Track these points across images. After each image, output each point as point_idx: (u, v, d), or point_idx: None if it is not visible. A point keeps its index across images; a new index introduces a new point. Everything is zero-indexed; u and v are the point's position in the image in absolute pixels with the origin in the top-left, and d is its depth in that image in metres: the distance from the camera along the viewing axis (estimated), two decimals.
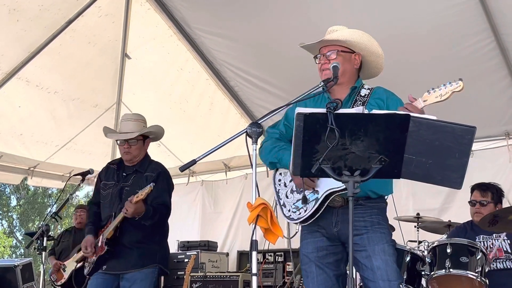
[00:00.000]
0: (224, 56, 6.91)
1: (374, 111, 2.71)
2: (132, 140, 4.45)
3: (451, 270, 4.18)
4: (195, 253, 7.34)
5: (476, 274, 4.14)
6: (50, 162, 8.19)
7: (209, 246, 7.86)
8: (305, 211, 3.05)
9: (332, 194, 2.98)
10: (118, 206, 4.35)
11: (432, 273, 4.28)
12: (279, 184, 3.25)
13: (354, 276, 3.31)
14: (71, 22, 6.58)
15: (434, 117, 2.50)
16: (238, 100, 7.49)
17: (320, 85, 3.14)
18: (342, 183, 2.56)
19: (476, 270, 4.15)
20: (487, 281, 4.16)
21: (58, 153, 8.13)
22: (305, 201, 3.05)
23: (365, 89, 3.26)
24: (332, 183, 2.89)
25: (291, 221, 3.14)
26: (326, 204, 3.01)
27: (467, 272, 4.16)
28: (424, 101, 2.87)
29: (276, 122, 3.45)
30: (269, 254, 7.25)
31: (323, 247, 3.15)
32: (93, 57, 7.24)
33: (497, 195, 4.89)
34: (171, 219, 4.56)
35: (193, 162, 3.01)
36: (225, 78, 7.24)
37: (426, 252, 4.45)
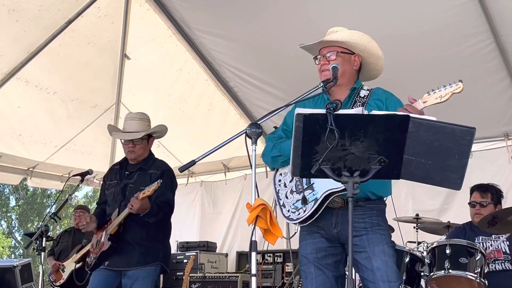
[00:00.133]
0: (223, 56, 6.91)
1: (374, 112, 2.71)
2: (137, 139, 4.48)
3: (450, 271, 4.18)
4: (194, 253, 7.34)
5: (475, 275, 4.14)
6: (49, 162, 8.18)
7: (208, 247, 7.87)
8: (304, 211, 3.04)
9: (332, 195, 2.98)
10: (122, 203, 4.36)
11: (431, 274, 4.28)
12: (279, 185, 3.25)
13: (354, 277, 3.30)
14: (70, 23, 6.57)
15: (433, 118, 2.50)
16: (238, 100, 7.49)
17: (320, 86, 3.14)
18: (341, 183, 2.57)
19: (475, 271, 4.14)
20: (486, 282, 4.16)
21: (57, 154, 8.12)
22: (304, 201, 3.05)
23: (364, 90, 3.26)
24: (331, 184, 2.88)
25: (290, 222, 3.14)
26: (325, 204, 3.00)
27: (466, 273, 4.16)
28: (424, 102, 2.87)
29: (276, 129, 3.47)
30: (268, 254, 7.25)
31: (322, 248, 3.15)
32: (92, 58, 7.23)
33: (497, 196, 4.89)
34: None
35: (193, 162, 3.01)
36: (224, 78, 7.24)
37: (425, 253, 4.45)
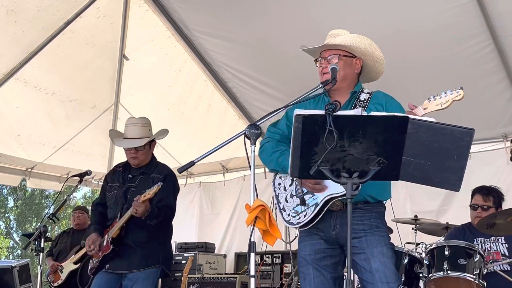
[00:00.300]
0: (222, 57, 6.90)
1: (373, 113, 2.71)
2: (140, 146, 4.47)
3: (449, 272, 4.17)
4: (193, 254, 7.32)
5: (474, 277, 4.13)
6: (48, 163, 8.17)
7: (206, 248, 7.85)
8: (305, 216, 3.04)
9: (332, 200, 2.98)
10: (124, 206, 4.37)
11: (430, 275, 4.28)
12: (279, 188, 3.24)
13: (352, 278, 3.30)
14: (69, 23, 6.57)
15: (432, 119, 2.50)
16: (236, 101, 7.49)
17: (319, 87, 3.13)
18: (340, 185, 2.56)
19: (474, 273, 4.14)
20: (485, 283, 4.16)
21: (55, 154, 8.11)
22: (303, 202, 3.05)
23: (364, 93, 3.25)
24: (332, 189, 2.91)
25: (290, 226, 3.13)
26: (326, 209, 3.00)
27: (465, 274, 4.15)
28: (425, 108, 2.87)
29: (277, 120, 3.42)
30: (267, 255, 7.25)
31: (320, 250, 3.15)
32: (91, 58, 7.23)
33: (498, 199, 4.88)
34: None
35: (192, 163, 3.00)
36: (223, 79, 7.24)
37: (424, 254, 4.44)
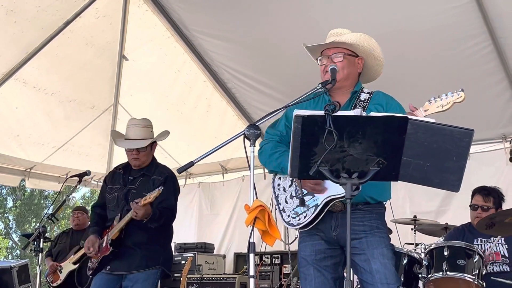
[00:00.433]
0: (221, 58, 6.90)
1: (372, 114, 2.71)
2: (142, 147, 4.48)
3: (448, 272, 4.18)
4: (192, 255, 7.33)
5: (473, 277, 4.14)
6: (47, 163, 8.16)
7: (205, 248, 7.86)
8: (305, 217, 3.04)
9: (332, 201, 2.98)
10: (124, 208, 4.37)
11: (429, 275, 4.28)
12: (278, 189, 3.23)
13: (352, 279, 3.30)
14: (68, 23, 6.55)
15: (432, 119, 2.50)
16: (236, 102, 7.48)
17: (318, 88, 3.12)
18: (340, 185, 2.56)
19: (473, 273, 4.14)
20: (484, 284, 4.17)
21: (55, 155, 8.10)
22: (303, 203, 3.04)
23: (364, 93, 3.24)
24: (332, 190, 2.90)
25: (290, 227, 3.12)
26: (326, 210, 3.00)
27: (464, 274, 4.16)
28: (425, 110, 2.87)
29: (275, 122, 3.41)
30: (266, 256, 7.25)
31: (321, 250, 3.15)
32: (90, 59, 7.21)
33: (498, 199, 4.88)
34: None
35: (191, 164, 3.00)
36: (223, 80, 7.23)
37: (423, 255, 4.45)
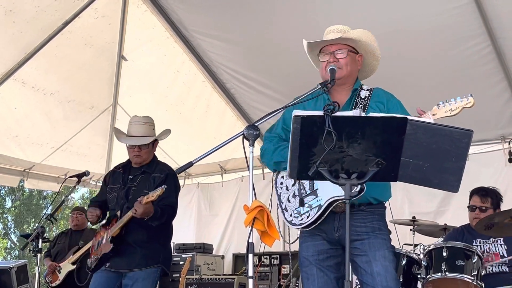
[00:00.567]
0: (220, 58, 6.90)
1: (372, 114, 2.71)
2: (144, 144, 4.50)
3: (447, 273, 4.18)
4: (191, 255, 7.32)
5: (472, 278, 4.14)
6: (46, 164, 8.16)
7: (204, 249, 7.85)
8: (308, 217, 3.03)
9: (335, 202, 2.98)
10: (125, 206, 4.38)
11: (428, 276, 4.28)
12: (281, 188, 3.22)
13: (351, 279, 3.30)
14: (67, 24, 6.55)
15: (431, 120, 2.50)
16: (235, 102, 7.48)
17: (317, 88, 3.11)
18: (339, 186, 2.56)
19: (472, 274, 4.14)
20: (483, 284, 4.16)
21: (53, 155, 8.10)
22: (301, 203, 3.04)
23: (364, 90, 3.23)
24: (335, 191, 2.90)
25: (292, 226, 3.12)
26: (329, 210, 3.00)
27: (463, 275, 4.16)
28: (433, 114, 2.84)
29: (272, 125, 3.41)
30: (265, 256, 7.25)
31: (323, 250, 3.14)
32: (89, 59, 7.21)
33: (496, 200, 4.87)
34: None
35: (190, 164, 3.00)
36: (222, 80, 7.23)
37: (422, 256, 4.45)
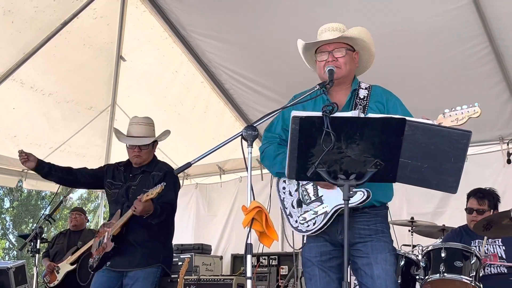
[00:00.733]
0: (219, 59, 6.90)
1: (370, 115, 2.71)
2: (144, 145, 4.52)
3: (445, 274, 4.18)
4: (189, 256, 7.31)
5: (470, 279, 4.14)
6: None
7: (203, 249, 7.84)
8: (314, 224, 3.02)
9: (341, 209, 2.95)
10: (125, 205, 4.40)
11: (427, 277, 4.28)
12: (284, 192, 3.20)
13: (349, 280, 3.30)
14: (66, 24, 6.55)
15: (430, 121, 2.50)
16: (233, 103, 7.49)
17: (316, 89, 3.10)
18: (337, 187, 2.56)
19: (471, 275, 4.15)
20: (481, 285, 4.17)
21: (52, 155, 8.06)
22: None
23: (362, 89, 3.19)
24: (341, 198, 2.89)
25: (298, 233, 3.10)
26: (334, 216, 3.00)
27: (462, 276, 4.16)
28: (439, 123, 2.80)
29: (271, 124, 3.37)
30: (263, 257, 7.24)
31: (326, 252, 3.13)
32: (88, 59, 7.21)
33: (494, 201, 4.87)
34: None
35: (188, 165, 2.99)
36: (220, 81, 7.23)
37: (420, 256, 4.45)
